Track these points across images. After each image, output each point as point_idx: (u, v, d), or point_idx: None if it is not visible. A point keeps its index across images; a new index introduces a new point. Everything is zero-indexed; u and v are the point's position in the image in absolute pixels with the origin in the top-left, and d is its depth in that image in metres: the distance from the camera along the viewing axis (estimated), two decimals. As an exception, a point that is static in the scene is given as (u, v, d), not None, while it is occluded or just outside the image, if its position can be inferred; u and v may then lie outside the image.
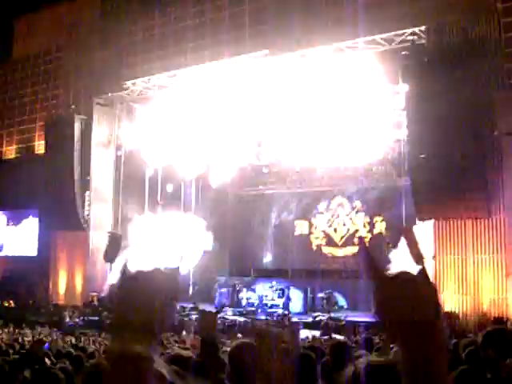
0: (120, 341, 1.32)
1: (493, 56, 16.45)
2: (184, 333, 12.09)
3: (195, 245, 26.70)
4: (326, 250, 27.51)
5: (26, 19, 28.37)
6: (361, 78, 20.40)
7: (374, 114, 21.60)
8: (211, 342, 3.73)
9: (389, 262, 1.30)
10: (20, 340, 11.79)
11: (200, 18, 22.00)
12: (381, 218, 26.10)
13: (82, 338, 14.03)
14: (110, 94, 24.83)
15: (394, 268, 1.27)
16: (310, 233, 28.09)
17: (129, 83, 23.98)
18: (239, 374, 3.58)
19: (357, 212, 26.85)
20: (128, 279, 1.43)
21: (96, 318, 19.49)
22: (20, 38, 28.59)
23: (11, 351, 7.67)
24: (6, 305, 23.22)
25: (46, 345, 8.14)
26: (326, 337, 14.76)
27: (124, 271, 1.41)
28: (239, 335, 12.18)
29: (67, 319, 19.07)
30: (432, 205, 17.05)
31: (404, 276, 1.27)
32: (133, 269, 1.42)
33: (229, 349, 4.07)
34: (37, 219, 27.02)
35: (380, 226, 26.10)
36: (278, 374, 2.60)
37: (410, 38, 18.30)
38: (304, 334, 15.47)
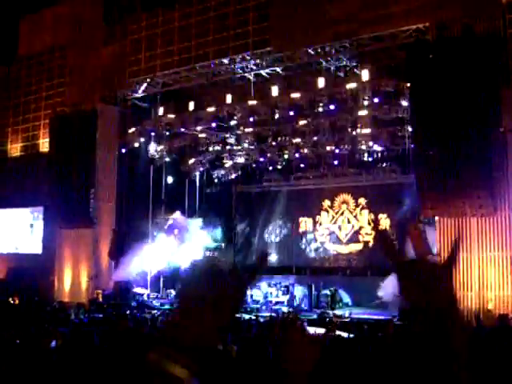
0: (164, 355, 1.23)
1: (498, 52, 16.38)
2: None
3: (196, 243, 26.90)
4: (331, 247, 27.51)
5: (31, 18, 28.38)
6: (365, 75, 20.37)
7: (379, 110, 21.60)
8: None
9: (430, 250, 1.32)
10: (25, 336, 11.77)
11: (204, 14, 21.97)
12: (385, 215, 26.07)
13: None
14: (114, 92, 24.85)
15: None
16: (315, 230, 28.09)
17: (133, 80, 23.99)
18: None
19: (361, 209, 26.82)
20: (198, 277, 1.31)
21: (101, 315, 19.51)
22: (25, 37, 28.61)
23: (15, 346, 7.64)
24: (12, 302, 23.23)
25: (53, 342, 8.09)
26: (330, 334, 14.75)
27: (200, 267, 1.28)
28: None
29: (73, 316, 19.06)
30: (437, 202, 17.02)
31: (422, 262, 1.27)
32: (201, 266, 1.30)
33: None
34: (41, 216, 27.09)
35: (385, 223, 26.06)
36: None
37: (415, 34, 18.24)
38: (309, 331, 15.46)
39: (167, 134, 25.73)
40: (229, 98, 23.08)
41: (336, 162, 26.25)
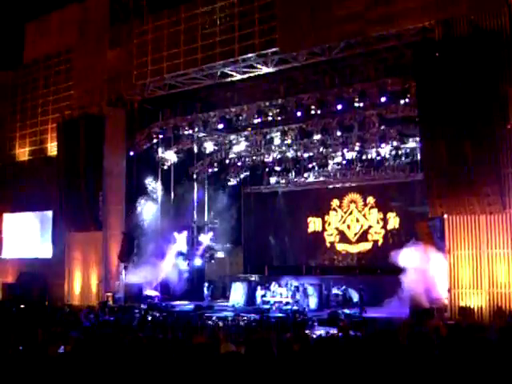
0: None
1: (504, 49, 16.32)
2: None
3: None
4: (340, 246, 27.49)
5: (36, 22, 28.44)
6: (372, 74, 20.35)
7: (386, 109, 21.57)
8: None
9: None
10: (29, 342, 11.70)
11: (210, 16, 21.94)
12: (394, 214, 26.04)
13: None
14: (121, 95, 24.87)
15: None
16: (324, 230, 28.08)
17: (139, 83, 23.98)
18: None
19: (370, 208, 26.79)
20: None
21: (112, 318, 19.53)
22: (31, 41, 28.66)
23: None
24: (22, 306, 23.29)
25: (61, 348, 8.02)
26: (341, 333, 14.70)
27: None
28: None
29: (83, 320, 19.09)
30: (445, 200, 16.96)
31: None
32: None
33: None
34: (50, 220, 27.12)
35: (393, 222, 26.03)
36: None
37: (421, 32, 18.17)
38: (319, 331, 15.46)
39: (175, 136, 25.77)
40: (236, 99, 23.09)
41: (344, 162, 26.24)
